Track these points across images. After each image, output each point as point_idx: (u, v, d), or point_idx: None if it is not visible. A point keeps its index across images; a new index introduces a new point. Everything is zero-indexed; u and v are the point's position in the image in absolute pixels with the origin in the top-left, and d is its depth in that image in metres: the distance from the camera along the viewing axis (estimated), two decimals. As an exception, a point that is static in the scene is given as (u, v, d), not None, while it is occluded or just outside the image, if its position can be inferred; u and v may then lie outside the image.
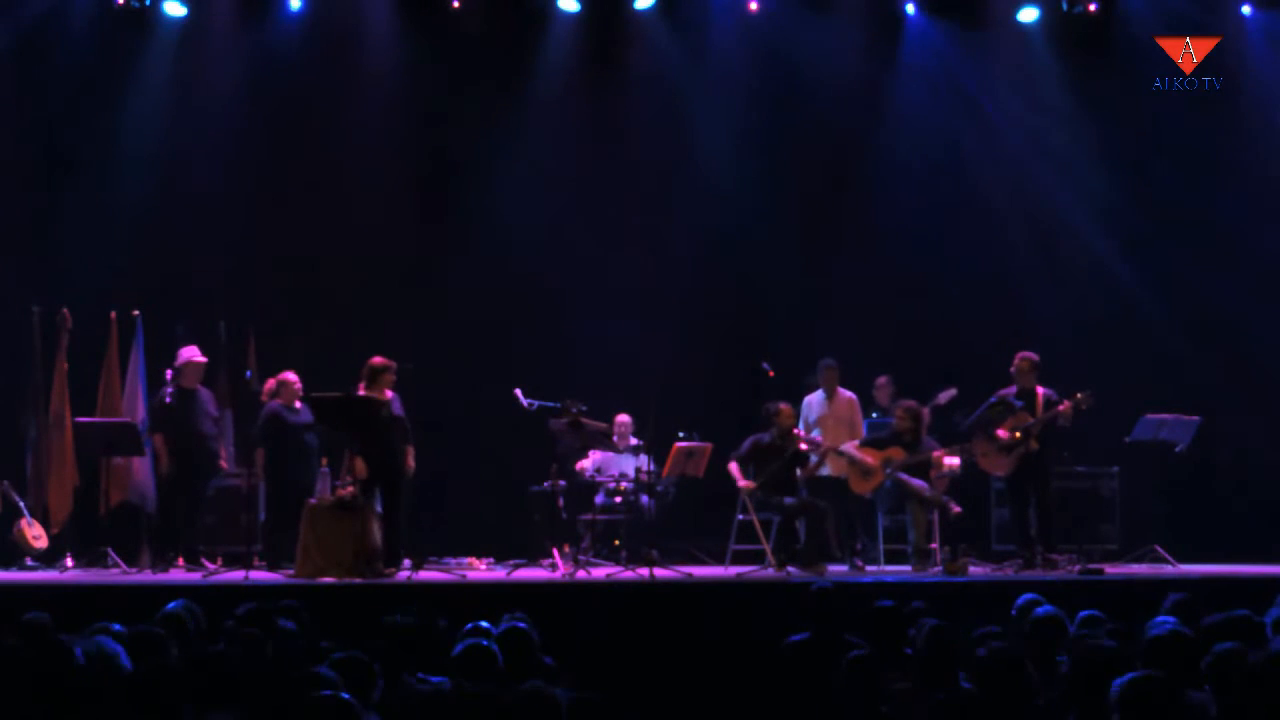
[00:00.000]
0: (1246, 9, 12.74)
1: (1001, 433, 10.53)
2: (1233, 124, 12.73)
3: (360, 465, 9.66)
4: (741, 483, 10.61)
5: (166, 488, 10.84)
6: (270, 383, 10.81)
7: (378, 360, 9.92)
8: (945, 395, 11.60)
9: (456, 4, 12.50)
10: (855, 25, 12.92)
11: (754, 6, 12.83)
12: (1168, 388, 11.75)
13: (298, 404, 10.51)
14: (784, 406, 10.73)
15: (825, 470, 10.90)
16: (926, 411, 11.49)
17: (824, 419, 11.09)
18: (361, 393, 9.82)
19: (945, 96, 13.09)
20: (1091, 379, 10.67)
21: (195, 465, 10.73)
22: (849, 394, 11.19)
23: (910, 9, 13.03)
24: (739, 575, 9.77)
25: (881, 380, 11.87)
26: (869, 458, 10.69)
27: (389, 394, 9.95)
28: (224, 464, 11.09)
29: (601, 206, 12.79)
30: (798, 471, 10.73)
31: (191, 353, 10.79)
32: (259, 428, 10.54)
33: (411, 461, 10.09)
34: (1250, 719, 4.35)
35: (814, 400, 11.20)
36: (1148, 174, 12.89)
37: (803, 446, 10.73)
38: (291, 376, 10.60)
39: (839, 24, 12.89)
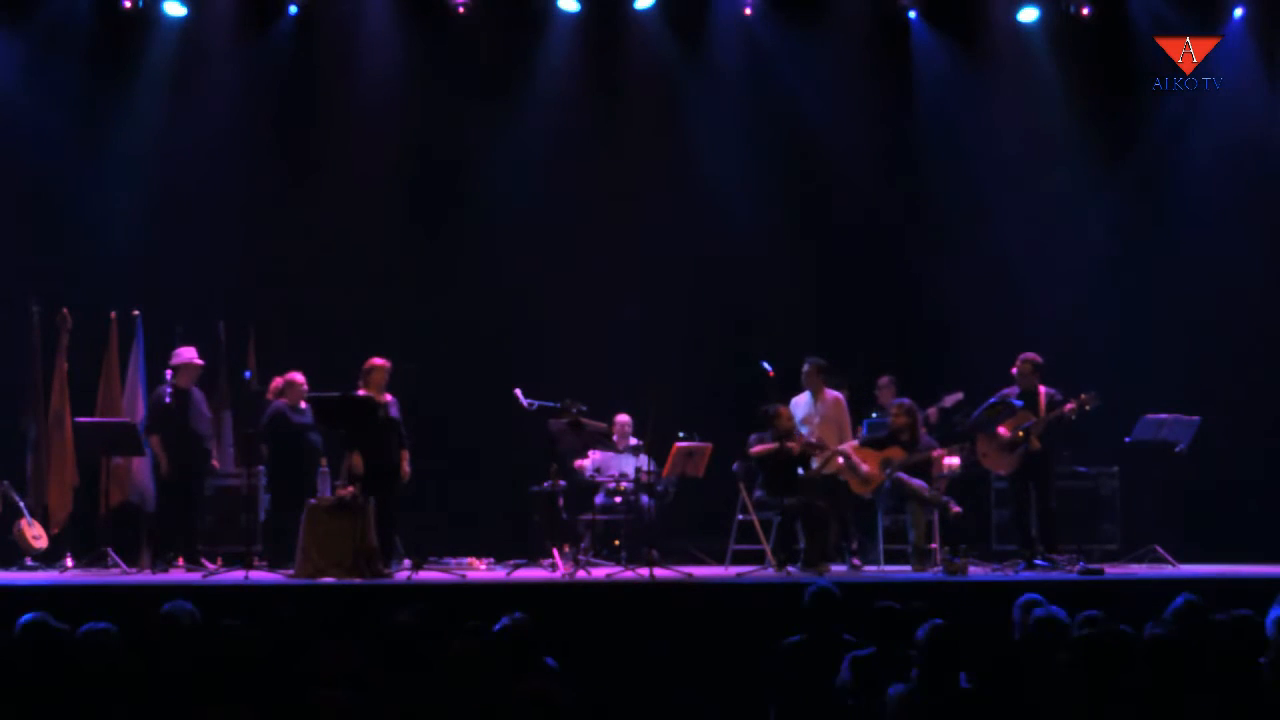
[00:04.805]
0: (1239, 11, 12.73)
1: (1003, 430, 10.53)
2: (1231, 123, 12.75)
3: (358, 461, 9.71)
4: (773, 445, 10.52)
5: (163, 488, 10.84)
6: (277, 381, 10.81)
7: (372, 361, 10.07)
8: (951, 399, 11.60)
9: (462, 9, 12.46)
10: (855, 28, 12.92)
11: (748, 11, 12.82)
12: (1168, 388, 11.75)
13: (303, 404, 10.53)
14: (782, 409, 10.72)
15: (814, 463, 10.88)
16: (934, 412, 11.51)
17: (810, 419, 11.05)
18: (360, 393, 9.90)
19: (945, 96, 13.08)
20: (1091, 379, 10.66)
21: (190, 465, 10.73)
22: (835, 393, 11.15)
23: (912, 14, 13.01)
24: (739, 575, 9.76)
25: (884, 380, 11.86)
26: (867, 463, 10.69)
27: (388, 396, 10.06)
28: (215, 463, 11.09)
29: (601, 205, 12.79)
30: (800, 471, 10.72)
31: (190, 354, 10.79)
32: (263, 426, 10.54)
33: (407, 466, 10.16)
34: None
35: (800, 401, 11.14)
36: (1148, 174, 12.92)
37: (815, 462, 10.71)
38: (298, 377, 10.63)
39: (839, 26, 12.90)
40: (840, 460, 10.85)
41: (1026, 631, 5.90)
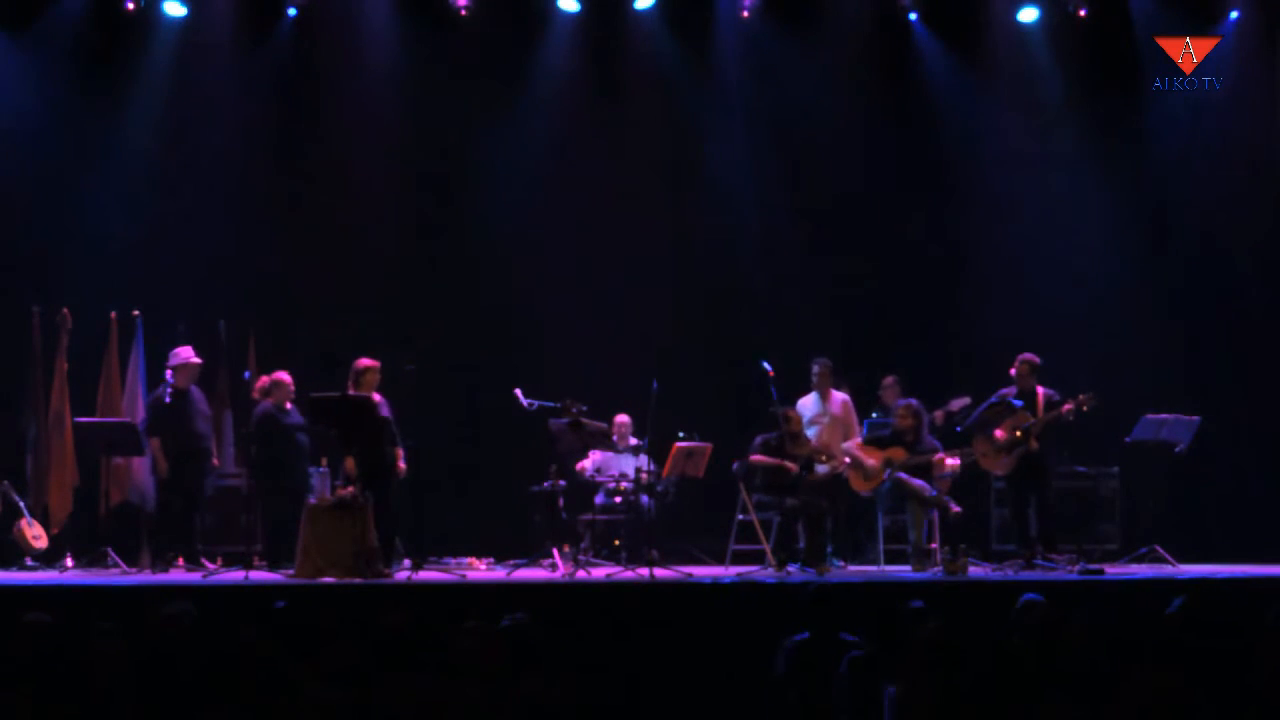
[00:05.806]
0: (1234, 13, 12.71)
1: (1000, 432, 10.54)
2: (1229, 123, 12.75)
3: (350, 464, 9.72)
4: (775, 461, 10.54)
5: (164, 488, 10.85)
6: (264, 380, 10.78)
7: (363, 362, 10.03)
8: (958, 402, 11.59)
9: (464, 12, 12.45)
10: (856, 29, 12.90)
11: (745, 14, 12.81)
12: (1168, 388, 11.75)
13: (288, 405, 10.53)
14: (792, 413, 10.74)
15: (821, 469, 10.89)
16: (940, 415, 11.50)
17: (818, 419, 11.06)
18: (352, 393, 9.89)
19: (945, 97, 13.08)
20: (1091, 379, 10.66)
21: (191, 465, 10.73)
22: (842, 394, 11.17)
23: (912, 16, 13.00)
24: (739, 575, 9.76)
25: (888, 380, 11.87)
26: (871, 459, 10.70)
27: (377, 397, 10.04)
28: (215, 461, 11.10)
29: (601, 205, 12.79)
30: (803, 472, 10.72)
31: (188, 353, 10.78)
32: (252, 427, 10.54)
33: (402, 464, 10.17)
34: None
35: (807, 402, 11.17)
36: (1147, 173, 12.93)
37: (822, 469, 10.71)
38: (285, 377, 10.61)
39: (839, 27, 12.89)
40: (845, 460, 10.86)
41: (1026, 632, 5.91)
